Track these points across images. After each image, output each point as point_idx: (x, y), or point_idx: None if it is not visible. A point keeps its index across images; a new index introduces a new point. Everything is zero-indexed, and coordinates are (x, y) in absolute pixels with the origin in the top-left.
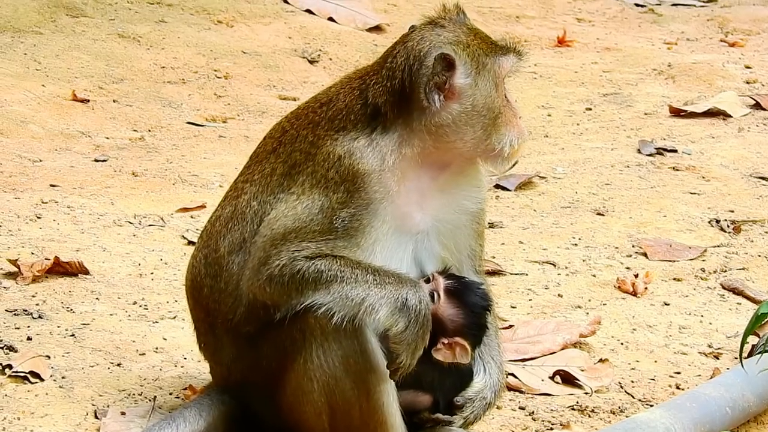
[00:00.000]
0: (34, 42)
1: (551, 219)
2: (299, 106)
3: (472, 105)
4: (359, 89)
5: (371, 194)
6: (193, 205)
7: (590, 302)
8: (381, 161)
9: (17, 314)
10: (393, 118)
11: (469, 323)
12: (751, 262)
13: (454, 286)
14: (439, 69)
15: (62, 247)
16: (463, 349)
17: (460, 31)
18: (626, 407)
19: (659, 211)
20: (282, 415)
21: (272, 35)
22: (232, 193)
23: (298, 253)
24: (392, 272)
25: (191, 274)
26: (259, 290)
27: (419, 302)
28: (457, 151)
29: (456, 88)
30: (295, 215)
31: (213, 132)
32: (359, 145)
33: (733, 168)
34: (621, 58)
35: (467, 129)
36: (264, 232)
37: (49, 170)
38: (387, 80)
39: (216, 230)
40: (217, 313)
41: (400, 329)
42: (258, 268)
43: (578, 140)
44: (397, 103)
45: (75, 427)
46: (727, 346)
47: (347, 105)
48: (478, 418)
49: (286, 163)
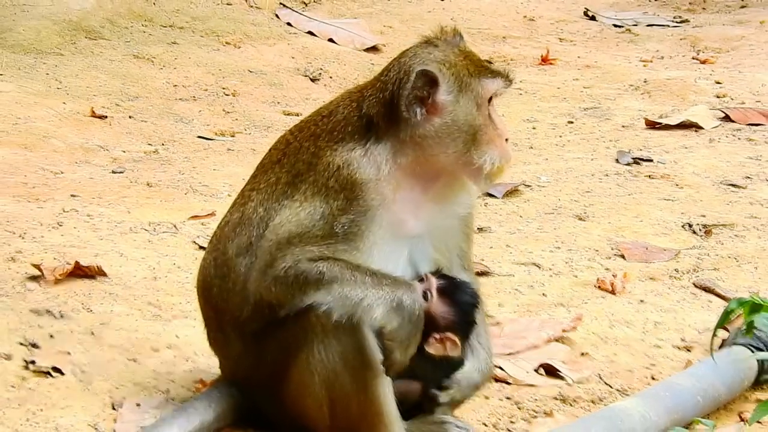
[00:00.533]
0: (55, 63)
1: (536, 224)
2: (302, 119)
3: (452, 120)
4: (357, 102)
5: (368, 201)
6: (204, 213)
7: (572, 301)
8: (377, 170)
9: (40, 314)
10: (384, 129)
11: (459, 320)
12: (721, 263)
13: (446, 285)
14: (420, 84)
15: (82, 253)
16: (453, 344)
17: (450, 52)
18: (605, 397)
19: (636, 216)
20: (285, 407)
21: (276, 55)
22: (239, 200)
23: (301, 256)
24: (388, 275)
25: (201, 274)
26: (265, 290)
27: (413, 303)
28: (441, 163)
29: (438, 103)
30: (298, 221)
31: (222, 145)
32: (356, 155)
33: (705, 176)
34: (600, 75)
35: (449, 142)
36: (269, 237)
37: (70, 181)
38: (380, 92)
39: (225, 234)
40: (226, 311)
41: (394, 327)
42: (264, 270)
43: (561, 151)
44: (387, 114)
45: (94, 418)
46: (698, 340)
47: (345, 117)
48: (465, 397)
49: (290, 173)
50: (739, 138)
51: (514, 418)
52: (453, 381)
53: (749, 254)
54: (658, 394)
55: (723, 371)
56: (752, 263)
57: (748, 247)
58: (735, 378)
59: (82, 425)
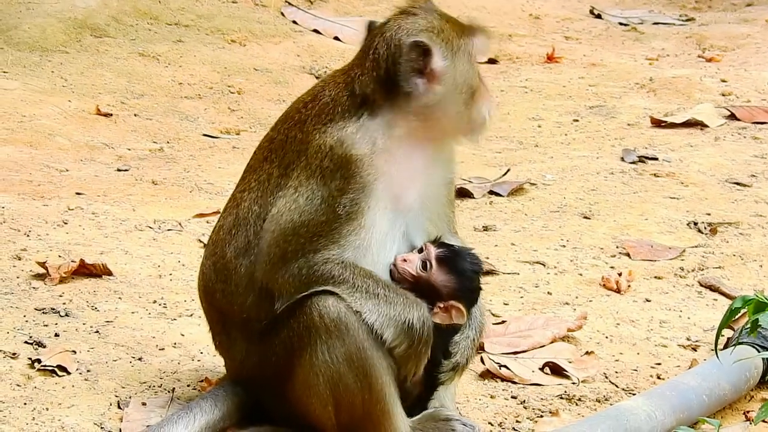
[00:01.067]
0: (60, 61)
1: (541, 222)
2: (283, 113)
3: (453, 84)
4: (344, 83)
5: (366, 177)
6: (209, 211)
7: (577, 299)
8: (372, 144)
9: (46, 312)
10: (380, 104)
11: (462, 287)
12: (727, 261)
13: (445, 254)
14: (414, 56)
15: (87, 251)
16: (458, 311)
17: (432, 18)
18: (611, 396)
19: (641, 214)
20: (290, 407)
21: (282, 53)
22: (231, 203)
23: (313, 255)
24: (400, 290)
25: (203, 281)
26: (273, 283)
27: (422, 324)
28: (442, 127)
29: (436, 71)
30: (298, 209)
31: (227, 143)
32: (348, 132)
33: (710, 174)
34: (606, 73)
35: (451, 106)
36: (271, 227)
37: (75, 179)
38: (372, 71)
39: (221, 238)
40: (230, 313)
41: (404, 348)
42: (274, 263)
43: (566, 149)
44: (384, 90)
45: (99, 417)
46: (704, 339)
47: (333, 99)
48: (469, 358)
49: (280, 166)
50: (745, 136)
51: (519, 417)
52: (453, 345)
53: (754, 252)
54: (664, 394)
55: (728, 370)
56: (757, 261)
57: (754, 246)
58: (740, 377)
59: (88, 424)
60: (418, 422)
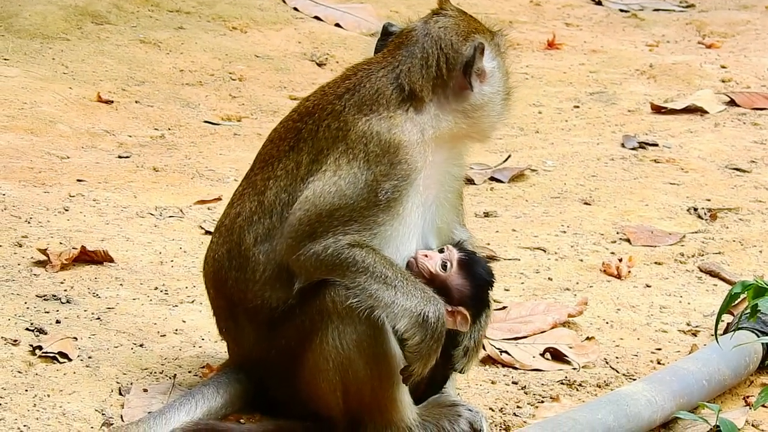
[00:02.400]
0: (61, 48)
1: (542, 208)
2: (303, 107)
3: (499, 85)
4: (387, 77)
5: (412, 165)
6: (210, 197)
7: (578, 285)
8: (421, 134)
9: (47, 299)
10: (428, 100)
11: (473, 294)
12: (727, 247)
13: (465, 259)
14: (474, 57)
15: (88, 237)
16: (464, 318)
17: (471, 20)
18: (611, 381)
19: (641, 200)
20: (298, 391)
21: (283, 40)
22: (250, 190)
23: (342, 237)
24: (419, 284)
25: (213, 267)
26: (294, 260)
27: (437, 320)
28: (481, 126)
29: (486, 71)
30: (339, 192)
31: (228, 130)
32: (397, 122)
33: (710, 160)
34: (606, 60)
35: (494, 106)
36: (305, 207)
37: (76, 166)
38: (422, 69)
39: (238, 225)
40: (242, 301)
41: (416, 342)
42: (301, 239)
43: (567, 135)
44: (434, 87)
45: (101, 403)
46: (704, 324)
47: (377, 91)
48: (478, 343)
49: (311, 153)
50: (744, 122)
51: (520, 403)
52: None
53: (754, 238)
54: (664, 379)
55: (728, 355)
56: (757, 247)
57: (753, 231)
58: (740, 362)
59: (89, 411)
60: (424, 409)
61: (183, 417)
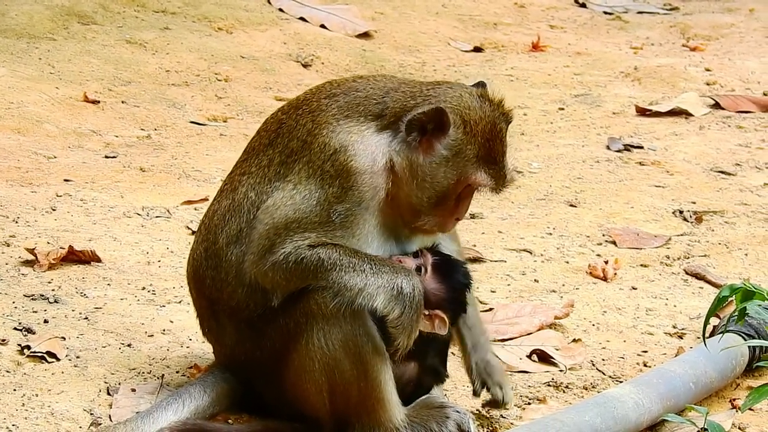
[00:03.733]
0: (48, 48)
1: (528, 210)
2: (298, 98)
3: (430, 170)
4: (386, 89)
5: (363, 192)
6: (197, 198)
7: (564, 287)
8: (372, 162)
9: (35, 299)
10: (387, 125)
11: (450, 298)
12: (712, 249)
13: (440, 262)
14: (431, 116)
15: (76, 237)
16: (441, 321)
17: (486, 119)
18: (598, 383)
19: (627, 202)
20: (284, 392)
21: (268, 41)
22: (228, 186)
23: (301, 242)
24: (386, 261)
25: (192, 267)
26: (262, 276)
27: (413, 289)
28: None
29: (432, 146)
30: (294, 205)
31: (214, 131)
32: (354, 139)
33: (695, 163)
34: (591, 62)
35: (417, 183)
36: (264, 219)
37: (63, 166)
38: (405, 98)
39: (214, 223)
40: (220, 301)
41: (396, 315)
42: (263, 254)
43: (552, 138)
44: (396, 118)
45: (89, 403)
46: (690, 327)
47: (367, 97)
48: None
49: (283, 153)
50: (729, 125)
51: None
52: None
53: (739, 241)
54: (651, 381)
55: (715, 358)
56: (742, 250)
57: (739, 234)
58: (727, 365)
59: (78, 410)
60: (412, 410)
61: (170, 416)
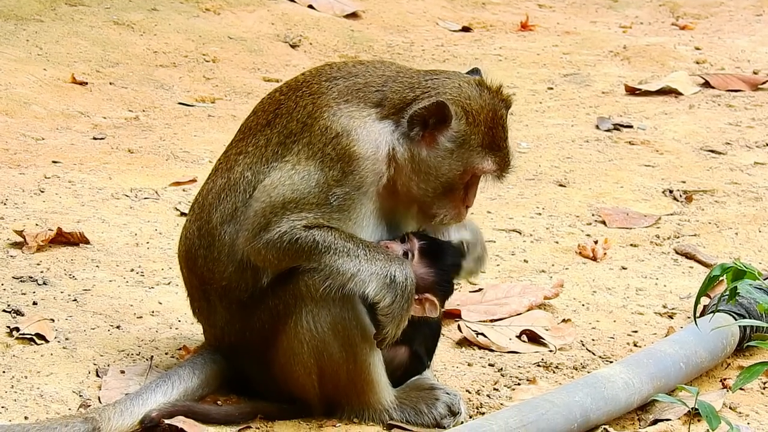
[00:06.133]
0: (35, 29)
1: (517, 190)
2: (295, 79)
3: (434, 162)
4: (385, 77)
5: (363, 177)
6: (185, 179)
7: (553, 267)
8: (375, 149)
9: (23, 281)
10: (389, 116)
11: (440, 280)
12: (702, 228)
13: (427, 246)
14: (433, 111)
15: (64, 219)
16: (432, 305)
17: (487, 107)
18: (588, 363)
19: (617, 182)
20: (273, 374)
21: (256, 22)
22: (223, 165)
23: (297, 223)
24: (381, 248)
25: (185, 245)
26: (255, 253)
27: (405, 279)
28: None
29: (435, 139)
30: (292, 186)
31: (202, 112)
32: (356, 124)
33: (685, 142)
34: (580, 41)
35: (422, 177)
36: (261, 198)
37: (51, 148)
38: (405, 89)
39: (208, 202)
40: (212, 281)
41: (387, 303)
42: (257, 232)
43: (541, 117)
44: (398, 109)
45: (78, 385)
46: (680, 307)
47: (366, 84)
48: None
49: (282, 133)
50: (719, 104)
51: (497, 385)
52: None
53: (729, 220)
54: (641, 361)
55: (706, 338)
56: (733, 229)
57: (729, 213)
58: (717, 345)
59: (67, 392)
60: (402, 392)
61: (160, 398)
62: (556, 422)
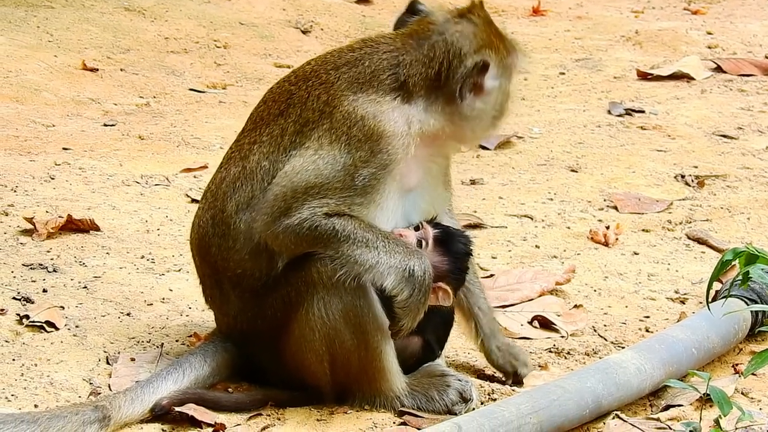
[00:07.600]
0: (46, 16)
1: (528, 176)
2: (302, 69)
3: (493, 102)
4: (388, 60)
5: (392, 155)
6: (196, 165)
7: (565, 252)
8: (407, 126)
9: (33, 268)
10: (418, 96)
11: (453, 269)
12: (714, 213)
13: (441, 234)
14: (475, 72)
15: (74, 206)
16: (445, 293)
17: (490, 32)
18: (599, 349)
19: (628, 167)
20: (284, 361)
21: (268, 7)
22: (237, 154)
23: (318, 210)
24: (399, 240)
25: (198, 234)
26: (272, 238)
27: (423, 272)
28: (464, 134)
29: (485, 87)
30: (316, 170)
31: (213, 98)
32: (384, 108)
33: (697, 127)
34: (592, 26)
35: (481, 121)
36: (282, 182)
37: (62, 134)
38: (423, 66)
39: (222, 191)
40: (225, 269)
41: (405, 297)
42: (277, 216)
43: (553, 102)
44: (428, 86)
45: (88, 373)
46: (692, 292)
47: (373, 72)
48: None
49: (297, 123)
50: (731, 89)
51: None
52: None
53: (741, 205)
54: (653, 347)
55: (718, 323)
56: (745, 214)
57: (741, 198)
58: (729, 330)
59: (77, 380)
60: (413, 378)
61: (170, 386)
62: (568, 408)
